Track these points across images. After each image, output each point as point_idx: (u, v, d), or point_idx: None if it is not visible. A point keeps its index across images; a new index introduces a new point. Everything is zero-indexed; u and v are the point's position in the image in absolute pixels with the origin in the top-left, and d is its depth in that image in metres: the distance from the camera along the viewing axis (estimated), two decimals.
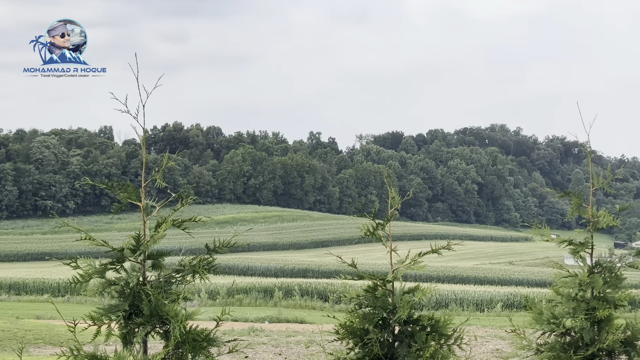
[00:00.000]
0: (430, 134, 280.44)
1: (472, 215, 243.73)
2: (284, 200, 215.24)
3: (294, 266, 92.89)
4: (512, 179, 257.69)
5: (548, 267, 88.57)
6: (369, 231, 5.90)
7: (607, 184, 6.91)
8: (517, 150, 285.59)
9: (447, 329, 5.86)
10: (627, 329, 6.75)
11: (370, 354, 5.69)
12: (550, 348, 6.62)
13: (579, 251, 6.87)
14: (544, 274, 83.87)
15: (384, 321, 5.88)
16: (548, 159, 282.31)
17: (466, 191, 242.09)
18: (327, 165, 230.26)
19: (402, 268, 5.95)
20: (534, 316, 6.82)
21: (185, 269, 5.47)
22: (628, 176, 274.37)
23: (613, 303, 6.72)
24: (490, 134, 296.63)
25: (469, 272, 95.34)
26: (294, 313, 42.24)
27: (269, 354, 23.53)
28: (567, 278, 6.88)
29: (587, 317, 6.63)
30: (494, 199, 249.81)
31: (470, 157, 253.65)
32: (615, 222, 6.82)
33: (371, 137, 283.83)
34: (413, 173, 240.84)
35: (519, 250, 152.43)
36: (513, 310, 49.75)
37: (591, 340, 6.61)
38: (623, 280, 6.83)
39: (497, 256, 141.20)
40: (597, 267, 6.88)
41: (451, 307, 51.38)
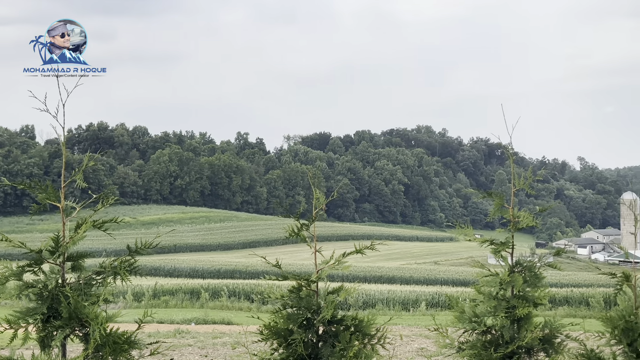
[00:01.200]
0: (357, 135, 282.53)
1: (399, 216, 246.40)
2: (211, 201, 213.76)
3: (222, 267, 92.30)
4: (438, 179, 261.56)
5: (472, 267, 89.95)
6: (293, 232, 5.88)
7: (528, 185, 7.04)
8: (443, 152, 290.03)
9: (370, 328, 5.88)
10: (546, 327, 6.89)
11: (294, 354, 5.68)
12: (471, 346, 6.71)
13: (500, 251, 6.99)
14: (468, 273, 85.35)
15: (308, 321, 5.87)
16: (472, 160, 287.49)
17: (393, 192, 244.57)
18: (254, 166, 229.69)
19: (326, 268, 5.96)
20: (457, 315, 6.91)
21: (106, 270, 5.36)
22: (549, 177, 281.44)
23: (532, 301, 6.85)
24: (417, 135, 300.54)
25: (395, 272, 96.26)
26: (221, 314, 41.92)
27: (195, 355, 23.29)
28: (488, 277, 6.99)
29: (507, 315, 6.74)
30: (420, 199, 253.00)
31: (396, 158, 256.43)
32: (534, 223, 6.96)
33: (299, 138, 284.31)
34: (340, 174, 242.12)
35: (444, 250, 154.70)
36: (438, 309, 50.41)
37: (511, 338, 6.73)
38: (542, 279, 6.97)
39: (422, 256, 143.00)
40: (517, 266, 7.01)
41: (378, 307, 51.72)
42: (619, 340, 7.51)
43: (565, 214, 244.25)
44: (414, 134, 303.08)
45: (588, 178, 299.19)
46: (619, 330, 7.48)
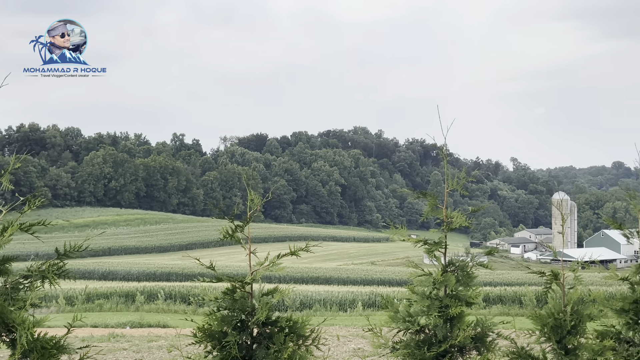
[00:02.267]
0: (294, 136, 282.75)
1: (336, 217, 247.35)
2: (146, 203, 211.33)
3: (157, 269, 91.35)
4: (374, 180, 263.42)
5: (407, 267, 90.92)
6: (227, 233, 5.84)
7: (461, 186, 7.13)
8: (379, 153, 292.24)
9: (305, 329, 5.88)
10: (478, 326, 6.99)
11: (228, 356, 5.64)
12: (405, 346, 6.77)
13: (433, 251, 7.06)
14: (404, 273, 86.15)
15: (242, 323, 5.84)
16: (408, 161, 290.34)
17: (330, 193, 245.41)
18: (191, 167, 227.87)
19: (261, 270, 5.94)
20: (391, 315, 6.95)
21: (33, 274, 5.24)
22: (483, 178, 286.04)
23: (465, 300, 6.94)
24: (353, 137, 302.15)
25: (332, 273, 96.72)
26: (156, 317, 41.50)
27: (130, 359, 22.98)
28: (422, 277, 7.06)
29: (440, 314, 6.82)
30: (356, 200, 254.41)
31: (333, 159, 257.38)
32: (467, 223, 7.05)
33: (236, 139, 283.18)
34: (277, 175, 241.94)
35: (380, 250, 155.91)
36: (374, 309, 50.76)
37: (444, 337, 6.80)
38: (474, 279, 7.07)
39: (359, 256, 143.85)
40: (450, 266, 7.09)
41: (315, 308, 51.84)
42: (548, 337, 7.66)
43: (498, 214, 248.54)
44: (351, 135, 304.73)
45: (521, 178, 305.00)
46: (548, 328, 7.64)
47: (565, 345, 7.65)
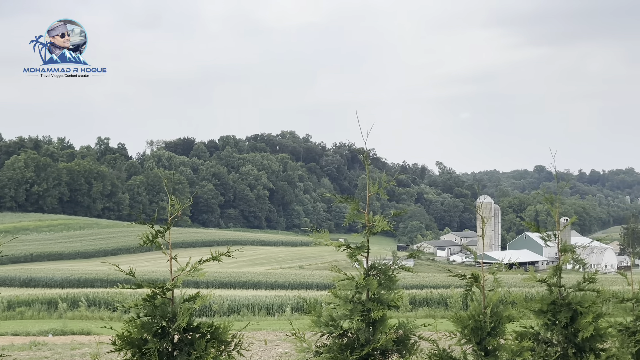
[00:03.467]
0: (222, 140, 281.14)
1: (264, 221, 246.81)
2: (70, 208, 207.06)
3: (81, 276, 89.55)
4: (302, 184, 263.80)
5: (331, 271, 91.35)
6: (148, 239, 5.77)
7: (383, 190, 7.19)
8: (307, 157, 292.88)
9: (227, 335, 5.84)
10: (400, 329, 7.06)
11: None
12: (328, 349, 6.79)
13: (355, 255, 7.10)
14: (332, 277, 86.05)
15: (163, 330, 5.76)
16: (336, 165, 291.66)
17: (258, 197, 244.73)
18: (116, 172, 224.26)
19: (182, 275, 5.87)
20: (314, 319, 6.97)
21: None
22: (409, 182, 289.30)
23: (387, 304, 7.00)
24: (281, 141, 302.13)
25: (260, 277, 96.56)
26: (80, 325, 40.68)
27: None
28: (345, 281, 7.09)
29: (362, 318, 6.86)
30: (284, 204, 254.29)
31: (261, 164, 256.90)
32: (389, 227, 7.11)
33: (162, 143, 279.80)
34: (205, 179, 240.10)
35: (309, 254, 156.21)
36: (302, 313, 50.75)
37: (366, 340, 6.85)
38: (396, 282, 7.13)
39: (287, 260, 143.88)
40: (372, 269, 7.14)
41: (243, 313, 51.56)
42: (469, 339, 7.79)
43: (425, 217, 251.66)
44: (279, 139, 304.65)
45: (446, 182, 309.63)
46: (469, 330, 7.76)
47: (485, 347, 7.78)
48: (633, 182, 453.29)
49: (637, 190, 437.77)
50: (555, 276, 9.26)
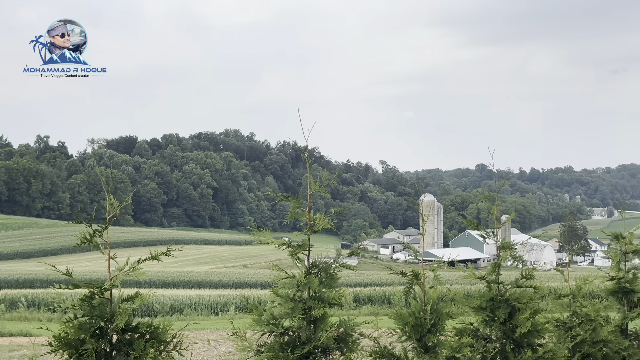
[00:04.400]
0: (165, 139, 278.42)
1: (208, 220, 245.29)
2: (8, 207, 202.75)
3: (20, 276, 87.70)
4: (246, 183, 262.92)
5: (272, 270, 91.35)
6: (85, 238, 5.69)
7: (324, 188, 7.21)
8: (251, 155, 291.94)
9: (166, 335, 5.80)
10: (341, 326, 7.09)
11: None
12: (269, 348, 6.79)
13: (297, 253, 7.11)
14: (276, 276, 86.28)
15: (101, 330, 5.69)
16: (280, 163, 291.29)
17: (201, 196, 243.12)
18: (56, 170, 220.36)
19: (120, 275, 5.81)
20: (255, 318, 6.96)
21: None
22: (353, 180, 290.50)
23: (328, 302, 7.02)
24: (225, 139, 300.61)
25: (204, 277, 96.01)
26: (19, 326, 39.89)
27: None
28: (286, 279, 7.10)
29: (304, 316, 6.87)
30: (228, 203, 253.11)
31: (205, 162, 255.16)
32: (330, 225, 7.14)
33: (104, 142, 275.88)
34: (148, 178, 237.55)
35: (253, 253, 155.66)
36: (246, 312, 50.60)
37: (307, 338, 6.86)
38: (337, 280, 7.16)
39: (232, 259, 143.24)
40: (313, 267, 7.16)
41: (186, 312, 51.22)
42: (409, 336, 7.87)
43: (369, 216, 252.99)
44: (222, 138, 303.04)
45: (390, 180, 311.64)
46: (409, 327, 7.84)
47: (426, 344, 7.86)
48: (571, 181, 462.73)
49: (575, 189, 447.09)
50: (494, 273, 9.40)
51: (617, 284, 11.70)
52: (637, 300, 11.53)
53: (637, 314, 11.39)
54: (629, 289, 11.59)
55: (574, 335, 10.06)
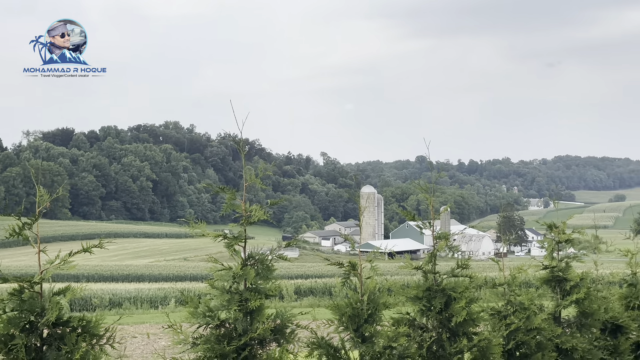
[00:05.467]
0: (103, 131, 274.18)
1: (147, 213, 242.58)
2: None
3: None
4: (187, 175, 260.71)
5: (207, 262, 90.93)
6: (14, 231, 5.56)
7: (259, 179, 7.19)
8: (191, 148, 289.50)
9: (99, 329, 5.71)
10: (277, 318, 7.09)
11: None
12: (205, 341, 6.74)
13: (233, 244, 7.08)
14: (212, 268, 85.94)
15: (31, 325, 5.58)
16: (221, 156, 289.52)
17: (141, 188, 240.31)
18: None
19: (51, 269, 5.69)
20: (191, 310, 6.91)
21: None
22: (294, 172, 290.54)
23: (264, 293, 7.01)
24: (165, 131, 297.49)
25: (144, 270, 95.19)
26: None
27: None
28: (222, 271, 7.06)
29: (240, 308, 6.84)
30: (168, 195, 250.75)
31: (144, 154, 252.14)
32: (266, 216, 7.12)
33: (40, 134, 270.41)
34: (85, 170, 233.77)
35: (193, 246, 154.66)
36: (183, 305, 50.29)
37: (244, 330, 6.84)
38: (274, 271, 7.15)
39: (172, 253, 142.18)
40: (250, 259, 7.14)
41: (125, 306, 50.69)
42: (346, 326, 7.91)
43: (310, 208, 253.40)
44: (162, 130, 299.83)
45: (331, 172, 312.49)
46: (346, 317, 7.88)
47: (363, 333, 7.91)
48: (509, 172, 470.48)
49: (512, 180, 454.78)
50: (430, 263, 9.51)
51: (551, 273, 11.94)
52: (569, 288, 11.78)
53: (569, 301, 11.64)
54: (561, 278, 11.84)
55: (509, 323, 10.23)
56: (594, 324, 11.86)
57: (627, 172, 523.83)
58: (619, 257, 15.08)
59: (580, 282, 11.80)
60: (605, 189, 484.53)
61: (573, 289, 11.74)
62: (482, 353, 9.13)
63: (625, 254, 14.50)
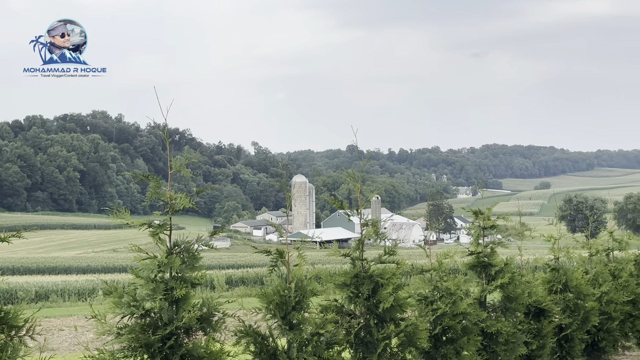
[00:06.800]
0: (27, 121, 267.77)
1: (75, 204, 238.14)
2: None
3: None
4: (115, 166, 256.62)
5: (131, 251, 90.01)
6: None
7: (184, 168, 7.12)
8: (120, 137, 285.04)
9: (18, 320, 5.59)
10: (204, 306, 7.05)
11: None
12: (130, 330, 6.66)
13: (157, 233, 7.00)
14: (137, 257, 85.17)
15: None
16: (151, 145, 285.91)
17: (68, 179, 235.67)
18: None
19: None
20: (115, 301, 6.82)
21: None
22: (225, 162, 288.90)
23: (190, 282, 6.96)
24: (92, 121, 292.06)
25: (71, 262, 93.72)
26: None
27: None
28: (147, 260, 6.99)
29: (165, 297, 6.78)
30: (96, 186, 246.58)
31: (71, 144, 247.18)
32: (191, 204, 7.06)
33: None
34: (10, 161, 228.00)
35: (123, 237, 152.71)
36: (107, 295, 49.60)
37: (169, 319, 6.78)
38: (199, 260, 7.10)
39: (100, 244, 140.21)
40: (176, 247, 7.07)
41: (52, 299, 49.69)
42: (274, 314, 7.92)
43: (241, 197, 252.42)
44: (90, 120, 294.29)
45: (262, 162, 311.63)
46: (274, 305, 7.89)
47: (290, 321, 7.93)
48: (438, 161, 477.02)
49: (442, 168, 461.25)
50: (358, 250, 9.57)
51: (476, 259, 12.16)
52: (494, 273, 12.03)
53: (494, 286, 11.88)
54: (487, 263, 12.07)
55: (435, 309, 10.38)
56: (518, 308, 12.13)
57: (551, 160, 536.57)
58: (544, 243, 15.46)
59: (504, 267, 12.06)
60: (531, 176, 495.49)
61: (498, 274, 11.98)
62: (409, 338, 9.24)
63: (548, 240, 14.89)
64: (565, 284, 14.18)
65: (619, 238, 17.62)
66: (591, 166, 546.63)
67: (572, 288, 14.18)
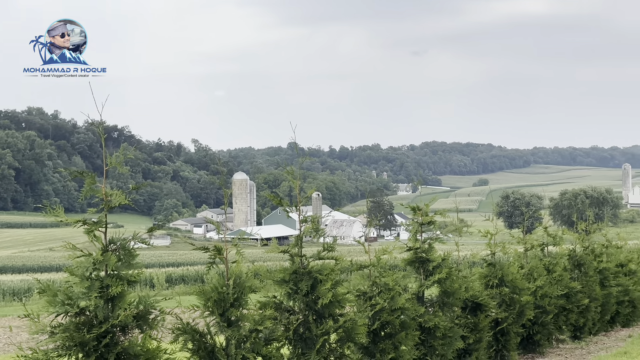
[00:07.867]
0: None
1: (9, 202, 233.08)
2: None
3: None
4: (52, 163, 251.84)
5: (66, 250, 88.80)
6: None
7: (120, 163, 7.05)
8: (57, 134, 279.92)
9: None
10: (140, 304, 6.99)
11: None
12: (64, 329, 6.57)
13: (93, 230, 6.91)
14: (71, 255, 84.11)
15: None
16: (88, 143, 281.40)
17: (2, 177, 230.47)
18: None
19: None
20: (48, 299, 6.72)
21: None
22: (165, 159, 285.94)
23: (126, 280, 6.90)
24: (28, 118, 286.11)
25: (6, 261, 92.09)
26: None
27: None
28: (81, 258, 6.90)
29: (100, 295, 6.71)
30: (32, 184, 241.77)
31: (5, 142, 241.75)
32: (127, 201, 7.00)
33: None
34: None
35: (60, 235, 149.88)
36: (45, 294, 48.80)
37: (105, 317, 6.70)
38: (136, 257, 7.04)
39: (36, 243, 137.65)
40: (111, 245, 7.00)
41: None
42: (212, 311, 7.89)
43: (181, 195, 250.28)
44: (25, 116, 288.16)
45: (202, 159, 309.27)
46: (212, 302, 7.86)
47: (229, 318, 7.91)
48: (378, 158, 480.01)
49: (382, 165, 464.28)
50: (297, 246, 9.59)
51: (414, 254, 12.30)
52: (432, 268, 12.17)
53: (432, 282, 12.02)
54: (425, 259, 12.21)
55: (374, 304, 10.46)
56: (455, 302, 12.30)
57: (489, 157, 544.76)
58: (481, 239, 15.71)
59: (442, 262, 12.22)
60: (470, 173, 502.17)
61: (435, 269, 12.13)
62: (348, 333, 9.30)
63: (485, 235, 15.14)
64: (501, 279, 14.43)
65: (554, 233, 18.01)
66: (528, 163, 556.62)
67: (508, 282, 14.44)
